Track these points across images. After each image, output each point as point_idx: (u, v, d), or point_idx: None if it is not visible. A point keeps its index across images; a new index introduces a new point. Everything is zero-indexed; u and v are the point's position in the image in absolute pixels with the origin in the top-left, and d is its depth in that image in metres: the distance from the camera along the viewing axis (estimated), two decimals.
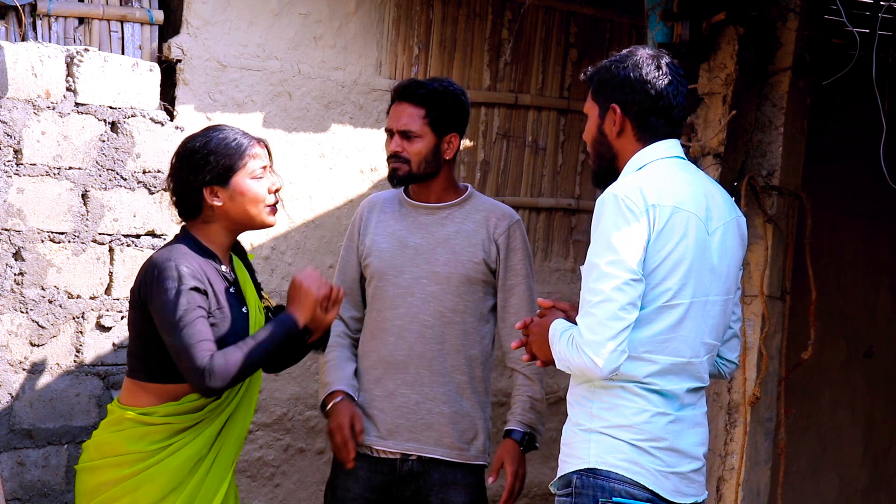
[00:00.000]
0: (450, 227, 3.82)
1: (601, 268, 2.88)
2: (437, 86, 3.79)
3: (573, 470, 2.99)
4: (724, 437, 4.29)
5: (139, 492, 3.27)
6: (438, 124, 3.75)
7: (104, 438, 3.34)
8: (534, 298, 3.81)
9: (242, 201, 3.35)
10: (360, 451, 3.81)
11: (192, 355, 3.17)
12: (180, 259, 3.27)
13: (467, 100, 3.85)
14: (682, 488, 3.00)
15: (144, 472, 3.27)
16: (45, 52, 3.84)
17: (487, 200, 3.91)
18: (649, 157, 3.04)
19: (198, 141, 3.35)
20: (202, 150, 3.32)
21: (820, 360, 5.44)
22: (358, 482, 3.81)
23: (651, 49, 3.11)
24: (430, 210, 3.84)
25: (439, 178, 3.82)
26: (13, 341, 3.80)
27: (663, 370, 2.96)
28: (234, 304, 3.37)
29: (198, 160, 3.32)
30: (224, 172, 3.32)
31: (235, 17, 4.37)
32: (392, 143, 3.77)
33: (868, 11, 4.13)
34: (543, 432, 3.86)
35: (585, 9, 5.17)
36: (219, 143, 3.33)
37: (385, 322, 3.81)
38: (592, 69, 3.15)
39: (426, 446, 3.77)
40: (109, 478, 3.29)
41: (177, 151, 3.39)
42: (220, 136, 3.36)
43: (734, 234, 3.10)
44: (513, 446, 3.77)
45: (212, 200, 3.33)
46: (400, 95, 3.79)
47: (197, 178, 3.32)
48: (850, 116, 5.31)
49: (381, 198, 3.95)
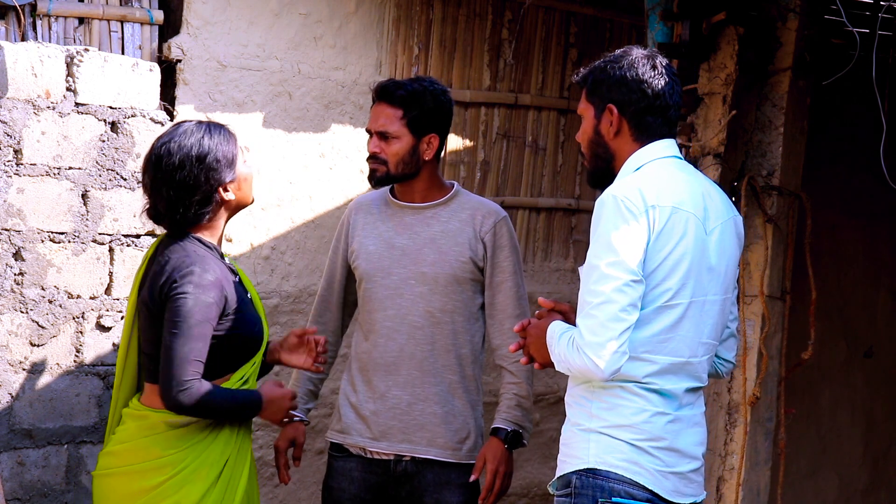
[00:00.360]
0: (435, 226, 3.81)
1: (601, 269, 2.88)
2: (416, 86, 3.76)
3: (572, 470, 2.98)
4: (724, 437, 4.29)
5: (182, 492, 3.29)
6: (416, 125, 3.74)
7: (139, 444, 3.33)
8: (521, 295, 3.81)
9: (246, 186, 3.41)
10: (354, 452, 3.82)
11: (184, 368, 3.19)
12: (203, 265, 3.27)
13: (449, 99, 3.82)
14: (682, 488, 3.00)
15: (184, 472, 3.29)
16: (45, 52, 3.84)
17: (473, 198, 3.89)
18: (647, 157, 3.04)
19: (196, 141, 3.31)
20: (212, 148, 3.31)
21: (820, 360, 5.44)
22: (353, 482, 3.81)
23: (645, 49, 3.11)
24: (415, 210, 3.83)
25: (421, 178, 3.80)
26: (13, 341, 3.80)
27: (662, 370, 2.96)
28: (241, 292, 3.40)
29: (212, 161, 3.30)
30: (232, 164, 3.35)
31: (235, 17, 4.37)
32: (370, 144, 3.78)
33: (868, 11, 4.13)
34: (531, 429, 3.85)
35: (585, 9, 5.17)
36: (220, 135, 3.34)
37: (375, 323, 3.81)
38: (586, 70, 3.14)
39: (419, 447, 3.77)
40: (148, 483, 3.29)
41: (176, 164, 3.28)
42: (214, 129, 3.35)
43: (731, 233, 3.10)
44: (496, 444, 3.77)
45: (226, 196, 3.35)
46: (379, 96, 3.79)
47: (216, 180, 3.31)
48: (850, 116, 5.31)
49: (368, 199, 3.94)
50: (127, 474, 3.33)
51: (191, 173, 3.28)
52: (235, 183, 3.36)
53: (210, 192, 3.32)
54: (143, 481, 3.30)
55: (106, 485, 3.37)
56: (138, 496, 3.30)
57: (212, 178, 3.30)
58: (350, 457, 3.83)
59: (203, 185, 3.30)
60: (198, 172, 3.29)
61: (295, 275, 4.59)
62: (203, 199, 3.32)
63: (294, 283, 4.58)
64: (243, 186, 3.39)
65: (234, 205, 3.39)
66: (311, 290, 4.60)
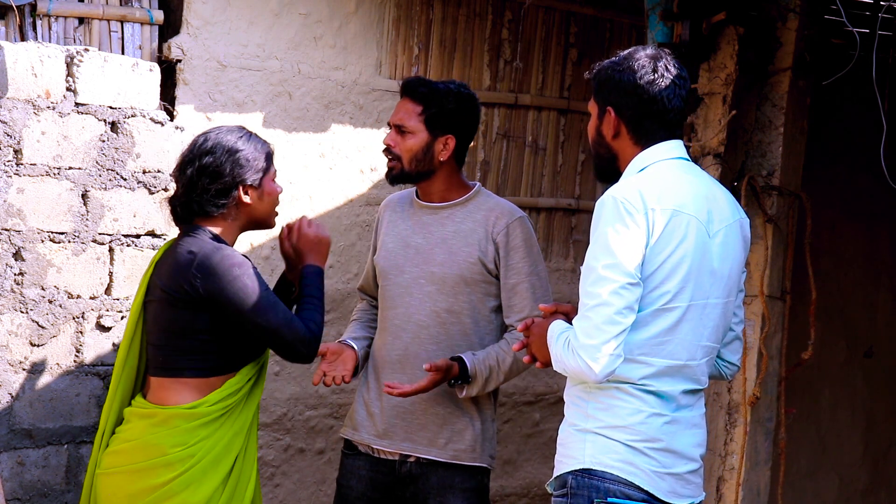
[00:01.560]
0: (449, 226, 3.80)
1: (598, 271, 2.87)
2: (441, 86, 3.78)
3: (568, 470, 2.98)
4: (724, 437, 4.29)
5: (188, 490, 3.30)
6: (434, 123, 3.73)
7: (147, 441, 3.34)
8: (539, 297, 3.74)
9: (269, 202, 3.49)
10: (362, 451, 3.82)
11: (293, 328, 3.36)
12: (226, 249, 3.37)
13: (476, 105, 3.81)
14: (679, 489, 2.99)
15: (192, 471, 3.30)
16: (45, 52, 3.84)
17: (492, 199, 3.86)
18: (651, 158, 3.02)
19: (234, 139, 3.41)
20: (245, 148, 3.41)
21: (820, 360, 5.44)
22: (361, 480, 3.81)
23: (652, 49, 3.08)
24: (433, 210, 3.83)
25: (438, 178, 3.79)
26: (13, 341, 3.80)
27: (658, 372, 2.95)
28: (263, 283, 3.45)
29: (241, 158, 3.39)
30: (261, 172, 3.43)
31: (235, 17, 4.37)
32: (387, 137, 3.81)
33: (868, 11, 4.13)
34: (478, 389, 3.71)
35: (585, 9, 5.17)
36: (257, 144, 3.45)
37: (385, 321, 3.83)
38: (596, 67, 3.13)
39: (420, 447, 3.75)
40: (155, 482, 3.30)
41: (207, 149, 3.40)
42: (253, 137, 3.46)
43: (736, 236, 3.08)
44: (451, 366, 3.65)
45: (244, 198, 3.41)
46: (403, 90, 3.82)
47: (239, 175, 3.39)
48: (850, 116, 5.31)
49: (397, 197, 3.97)
50: (133, 472, 3.34)
51: (218, 160, 3.38)
52: (259, 191, 3.44)
53: (230, 187, 3.39)
54: (150, 479, 3.31)
55: (112, 483, 3.38)
56: (145, 494, 3.31)
57: (236, 172, 3.39)
58: (359, 455, 3.83)
59: (226, 176, 3.38)
60: (224, 161, 3.39)
61: None
62: (222, 189, 3.39)
63: None
64: (265, 199, 3.47)
65: (252, 213, 3.45)
66: None
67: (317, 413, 4.68)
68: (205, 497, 3.32)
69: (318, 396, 4.69)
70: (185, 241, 3.38)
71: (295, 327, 3.36)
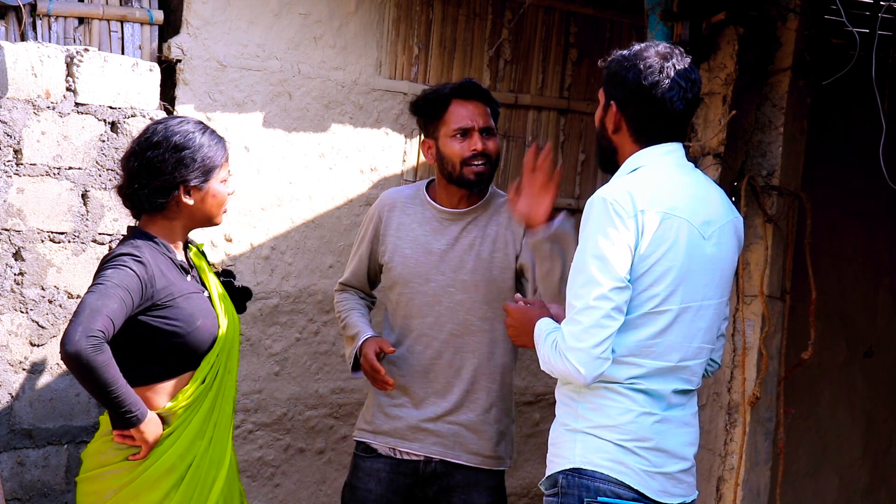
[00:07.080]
0: (474, 231, 3.75)
1: (587, 273, 2.86)
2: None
3: (559, 470, 2.98)
4: (724, 437, 4.28)
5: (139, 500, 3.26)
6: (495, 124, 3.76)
7: (96, 447, 3.31)
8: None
9: (212, 203, 3.34)
10: (383, 453, 3.80)
11: (94, 318, 3.03)
12: (140, 251, 3.20)
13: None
14: (670, 488, 2.98)
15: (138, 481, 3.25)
16: (45, 52, 3.84)
17: (505, 196, 3.79)
18: (645, 159, 3.01)
19: (185, 135, 3.28)
20: (190, 147, 3.27)
21: (820, 360, 5.44)
22: (380, 483, 3.78)
23: (665, 47, 3.03)
24: (453, 214, 3.77)
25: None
26: (13, 341, 3.80)
27: (648, 374, 2.94)
28: (195, 289, 3.34)
29: (186, 157, 3.26)
30: (206, 174, 3.30)
31: (235, 17, 4.37)
32: (475, 142, 3.66)
33: (868, 11, 4.13)
34: (550, 236, 3.43)
35: (585, 9, 5.17)
36: (207, 143, 3.30)
37: (412, 330, 3.77)
38: (610, 56, 3.08)
39: (450, 451, 3.75)
40: (110, 486, 3.26)
41: (153, 142, 3.26)
42: (205, 136, 3.31)
43: (730, 237, 3.07)
44: None
45: (184, 198, 3.29)
46: (469, 94, 3.70)
47: (181, 175, 3.26)
48: (850, 116, 5.31)
49: (401, 196, 3.86)
50: (87, 480, 3.32)
51: (161, 157, 3.25)
52: (202, 193, 3.30)
53: (170, 185, 3.26)
54: (99, 486, 3.27)
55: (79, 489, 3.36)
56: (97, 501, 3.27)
57: (178, 172, 3.25)
58: (379, 457, 3.80)
59: (166, 174, 3.24)
60: (167, 158, 3.24)
61: (295, 275, 4.59)
62: (161, 187, 3.25)
63: (294, 283, 4.58)
64: (209, 201, 3.32)
65: (194, 214, 3.32)
66: (310, 290, 4.61)
67: (317, 413, 4.67)
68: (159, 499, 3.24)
69: (318, 396, 4.69)
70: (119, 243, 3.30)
71: (96, 318, 3.02)
